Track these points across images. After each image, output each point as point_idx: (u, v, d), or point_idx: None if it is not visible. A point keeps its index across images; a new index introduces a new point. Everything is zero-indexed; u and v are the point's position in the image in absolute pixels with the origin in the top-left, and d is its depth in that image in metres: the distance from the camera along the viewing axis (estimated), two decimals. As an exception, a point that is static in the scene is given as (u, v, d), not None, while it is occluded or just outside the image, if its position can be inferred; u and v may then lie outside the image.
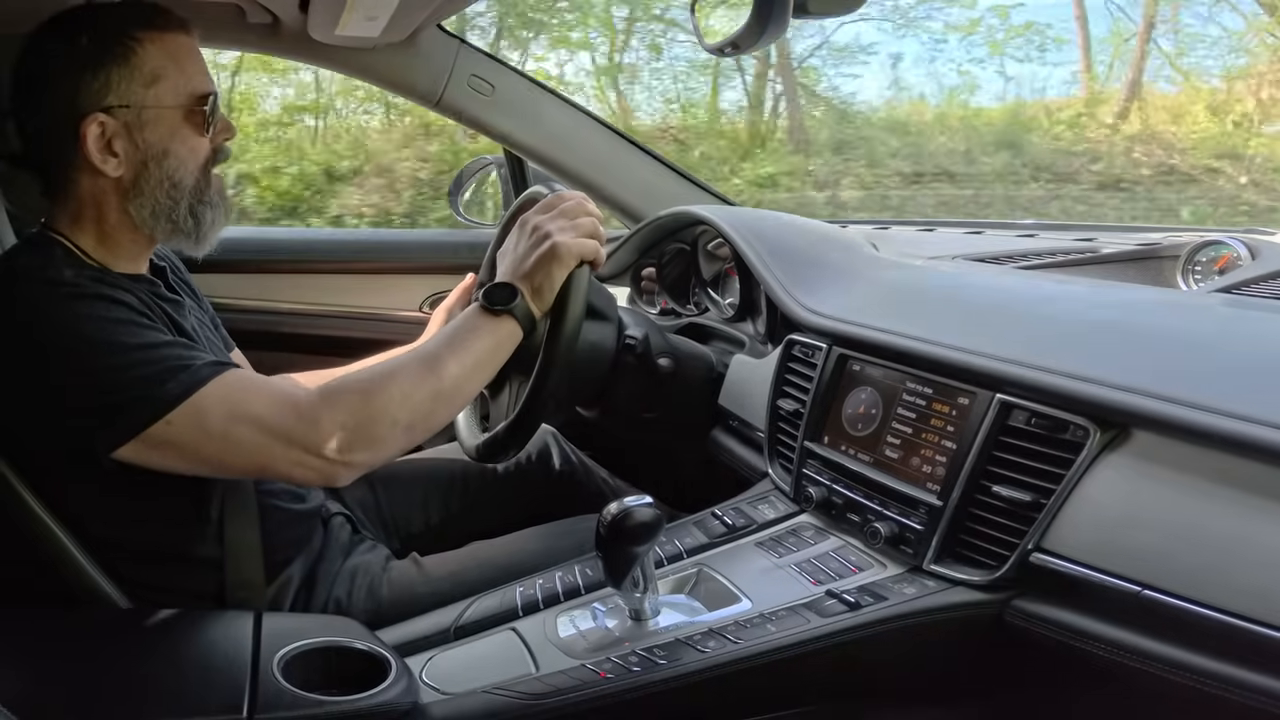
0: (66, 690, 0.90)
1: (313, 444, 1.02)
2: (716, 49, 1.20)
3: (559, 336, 1.18)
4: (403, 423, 1.06)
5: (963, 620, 0.97)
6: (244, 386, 1.04)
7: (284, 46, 1.80)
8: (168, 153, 1.11)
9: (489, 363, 1.14)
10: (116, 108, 1.08)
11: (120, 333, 1.01)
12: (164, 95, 1.10)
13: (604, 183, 2.00)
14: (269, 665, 0.91)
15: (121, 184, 1.11)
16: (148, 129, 1.10)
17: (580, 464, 1.61)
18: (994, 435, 0.99)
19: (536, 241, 1.17)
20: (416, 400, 1.07)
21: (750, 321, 1.61)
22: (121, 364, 0.99)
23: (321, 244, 2.24)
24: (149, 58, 1.09)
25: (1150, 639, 0.84)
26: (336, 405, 1.04)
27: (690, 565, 1.15)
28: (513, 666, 0.99)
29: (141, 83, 1.09)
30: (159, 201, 1.12)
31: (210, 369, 1.02)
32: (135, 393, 0.99)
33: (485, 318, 1.14)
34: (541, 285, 1.16)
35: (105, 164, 1.09)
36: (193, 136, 1.13)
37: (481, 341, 1.13)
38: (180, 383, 1.00)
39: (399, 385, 1.07)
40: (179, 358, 1.02)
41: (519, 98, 1.94)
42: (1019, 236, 1.67)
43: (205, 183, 1.15)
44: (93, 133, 1.08)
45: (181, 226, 1.14)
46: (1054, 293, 1.22)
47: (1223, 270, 1.31)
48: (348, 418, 1.04)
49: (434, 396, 1.08)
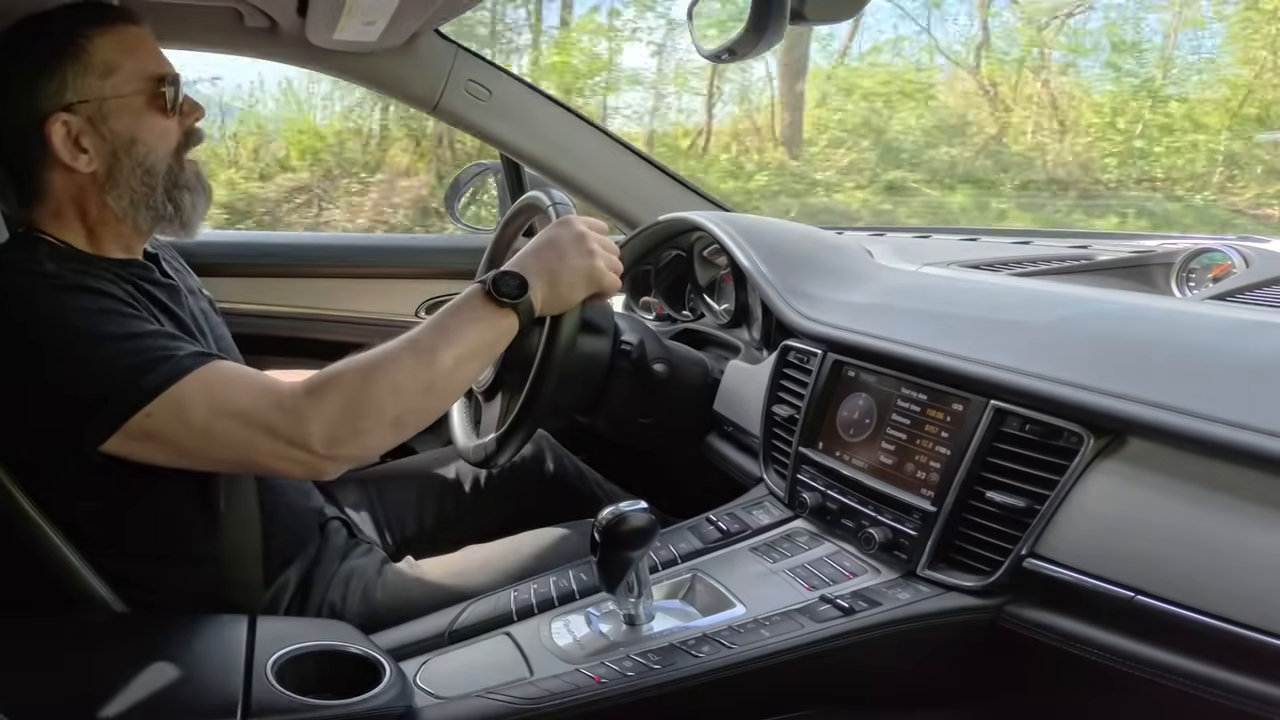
0: (59, 695, 0.89)
1: (297, 437, 1.00)
2: (713, 55, 1.20)
3: (555, 342, 1.18)
4: (390, 416, 1.04)
5: (956, 625, 0.97)
6: (227, 378, 1.02)
7: (282, 51, 1.80)
8: (135, 140, 1.12)
9: (484, 355, 1.11)
10: (77, 104, 1.09)
11: (103, 323, 1.00)
12: (121, 84, 1.11)
13: (601, 188, 2.00)
14: (262, 669, 0.91)
15: (96, 178, 1.11)
16: (111, 119, 1.11)
17: (575, 469, 1.61)
18: (988, 441, 1.00)
19: (582, 254, 1.15)
20: (407, 393, 1.05)
21: (746, 327, 1.61)
22: (103, 355, 0.98)
23: (317, 248, 2.24)
24: (100, 51, 1.10)
25: (1144, 644, 0.84)
26: (323, 398, 1.02)
27: (685, 570, 1.15)
28: (507, 671, 0.99)
29: (97, 75, 1.10)
30: (135, 190, 1.12)
31: (193, 359, 1.01)
32: (116, 383, 0.98)
33: (489, 307, 1.10)
34: (563, 295, 1.15)
35: (76, 161, 1.10)
36: (158, 120, 1.13)
37: (480, 333, 1.09)
38: (160, 373, 0.99)
39: (389, 378, 1.04)
40: (162, 348, 1.01)
41: (516, 103, 1.94)
42: (1014, 243, 1.68)
43: (179, 167, 1.15)
44: (58, 132, 1.09)
45: (162, 213, 1.14)
46: (1048, 300, 1.23)
47: (1216, 278, 1.32)
48: (334, 410, 1.01)
49: (425, 390, 1.06)
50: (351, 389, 1.03)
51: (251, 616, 1.00)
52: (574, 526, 1.36)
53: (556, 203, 1.34)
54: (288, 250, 2.17)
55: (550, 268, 1.14)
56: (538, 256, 1.15)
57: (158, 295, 1.13)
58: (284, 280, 2.06)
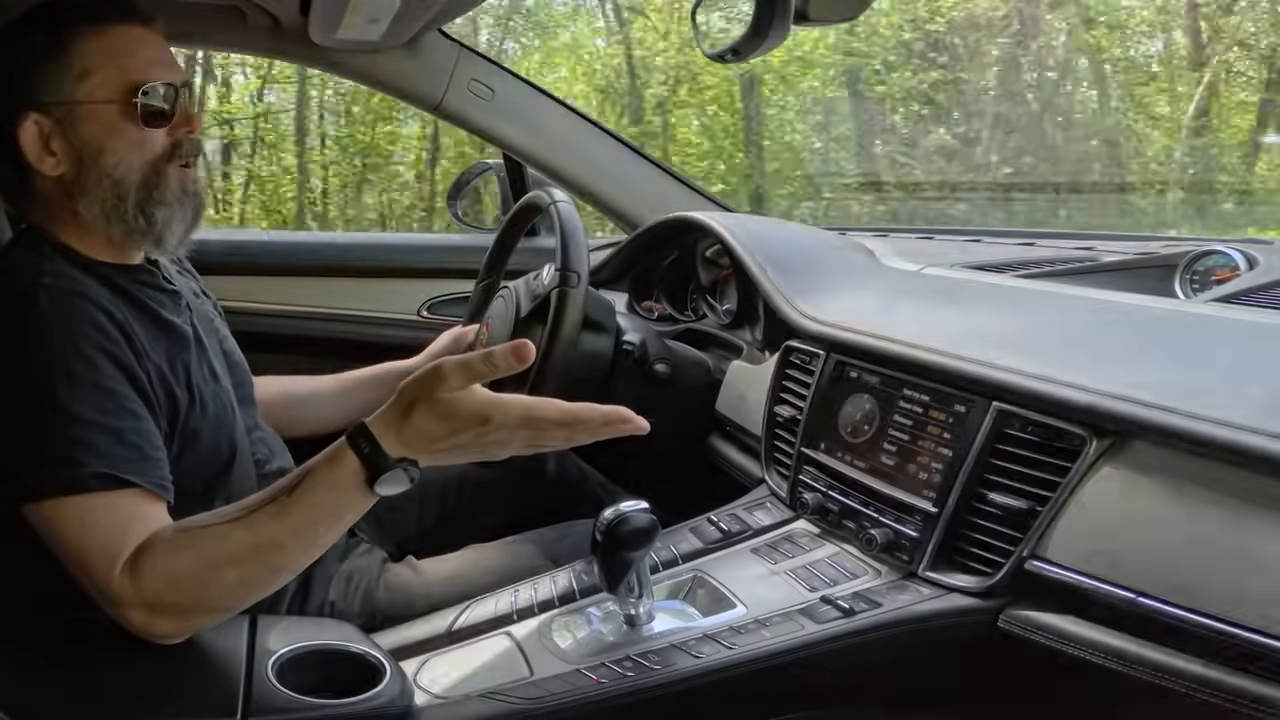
0: (61, 693, 0.90)
1: (116, 612, 0.93)
2: (717, 55, 1.20)
3: (554, 347, 1.18)
4: (219, 603, 0.95)
5: (957, 627, 0.97)
6: (96, 519, 0.94)
7: (285, 49, 1.81)
8: (103, 150, 1.06)
9: (336, 526, 0.97)
10: (50, 104, 1.05)
11: (57, 385, 0.96)
12: (95, 90, 1.05)
13: (603, 188, 2.01)
14: (263, 668, 0.91)
15: (64, 183, 1.07)
16: (81, 125, 1.06)
17: (576, 469, 1.61)
18: (990, 443, 0.99)
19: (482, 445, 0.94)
20: (241, 592, 0.95)
21: (748, 328, 1.61)
22: (34, 425, 0.95)
23: (319, 247, 2.24)
24: (80, 52, 1.05)
25: (1145, 646, 0.84)
26: (151, 579, 0.92)
27: (686, 571, 1.15)
28: (507, 671, 0.98)
29: (71, 78, 1.05)
30: (104, 200, 1.07)
31: (94, 480, 0.94)
32: (18, 463, 0.95)
33: (355, 481, 0.92)
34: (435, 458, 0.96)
35: (42, 163, 1.05)
36: (132, 131, 1.07)
37: (331, 504, 0.94)
38: (55, 478, 0.94)
39: (218, 566, 0.93)
40: (83, 447, 0.95)
41: (519, 103, 1.94)
42: (1017, 245, 1.67)
43: (156, 180, 1.08)
44: (29, 131, 1.04)
45: (134, 226, 1.08)
46: (1051, 301, 1.23)
47: (1221, 280, 1.31)
48: (155, 596, 0.92)
49: (267, 584, 0.97)
50: (184, 580, 0.93)
51: (252, 616, 1.00)
52: (575, 527, 1.36)
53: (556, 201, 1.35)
54: (289, 249, 2.18)
55: (446, 458, 0.96)
56: (443, 452, 0.94)
57: (150, 305, 1.10)
58: (286, 279, 2.06)
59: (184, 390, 1.08)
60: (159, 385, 1.04)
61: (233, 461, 1.14)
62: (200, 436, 1.09)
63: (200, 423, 1.09)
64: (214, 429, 1.11)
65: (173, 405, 1.06)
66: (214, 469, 1.12)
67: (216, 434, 1.12)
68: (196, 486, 1.08)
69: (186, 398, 1.08)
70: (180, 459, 1.05)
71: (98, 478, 0.95)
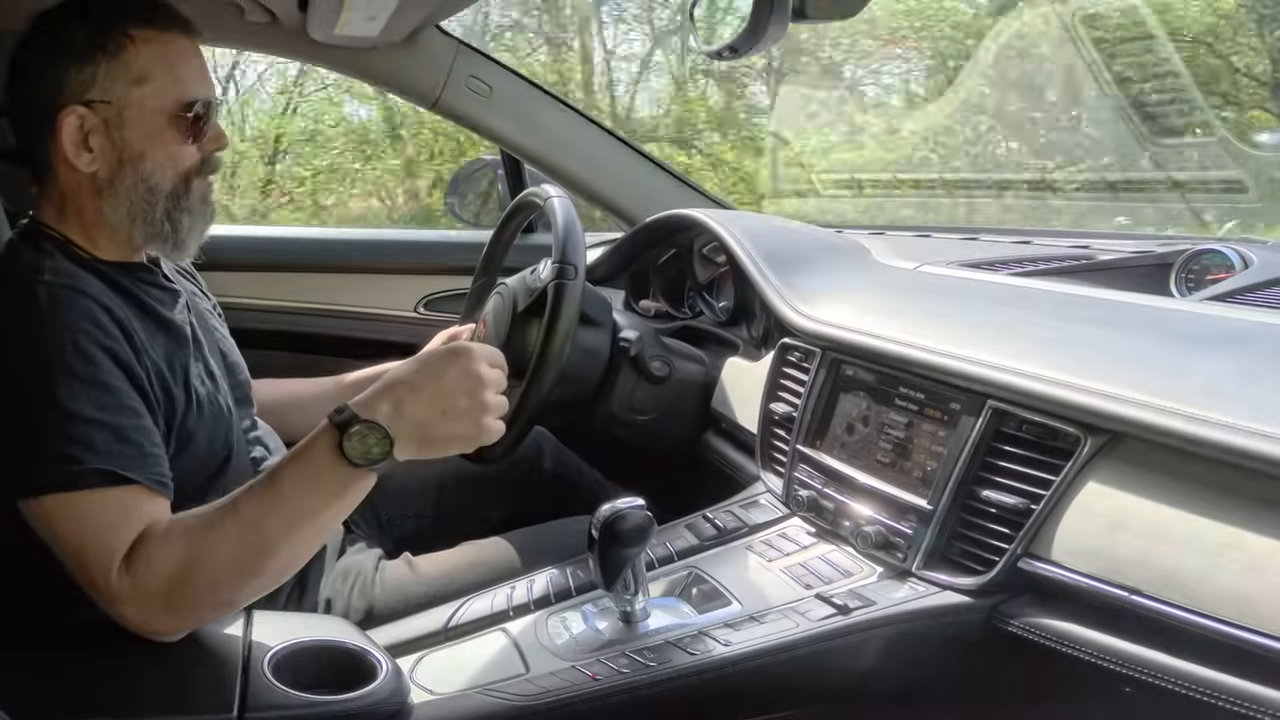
0: (57, 689, 0.90)
1: (114, 609, 0.94)
2: (715, 53, 1.21)
3: (551, 341, 1.18)
4: (214, 598, 0.96)
5: (951, 625, 0.98)
6: (93, 516, 0.94)
7: (282, 45, 1.81)
8: (144, 155, 1.07)
9: (328, 517, 1.00)
10: (98, 103, 1.05)
11: (56, 381, 0.95)
12: (148, 98, 1.07)
13: (600, 184, 2.01)
14: (259, 664, 0.91)
15: (96, 181, 1.07)
16: (127, 129, 1.06)
17: (573, 465, 1.61)
18: (985, 441, 1.00)
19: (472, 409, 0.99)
20: (231, 576, 0.96)
21: (744, 325, 1.61)
22: (33, 419, 0.95)
23: (316, 243, 2.24)
24: (139, 56, 1.06)
25: (1139, 645, 0.84)
26: (146, 574, 0.93)
27: (681, 568, 1.15)
28: (503, 667, 0.99)
29: (127, 81, 1.06)
30: (134, 203, 1.08)
31: (93, 477, 0.94)
32: (16, 460, 0.95)
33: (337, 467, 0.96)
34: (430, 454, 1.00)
35: (79, 158, 1.05)
36: (174, 144, 1.08)
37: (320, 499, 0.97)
38: (52, 475, 0.94)
39: (213, 560, 0.94)
40: (81, 444, 0.95)
41: (516, 99, 1.94)
42: (1013, 243, 1.68)
43: (185, 190, 1.10)
44: (70, 124, 1.04)
45: (159, 231, 1.10)
46: (1047, 300, 1.23)
47: (1216, 279, 1.32)
48: (152, 596, 0.93)
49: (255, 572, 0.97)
50: (168, 567, 0.94)
51: (248, 612, 1.00)
52: (571, 523, 1.36)
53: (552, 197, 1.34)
54: (286, 245, 2.18)
55: (424, 428, 0.98)
56: (415, 405, 0.97)
57: (149, 303, 1.10)
58: (283, 275, 2.06)
59: (181, 390, 1.08)
60: (157, 384, 1.04)
61: (229, 462, 1.15)
62: (196, 437, 1.09)
63: (196, 424, 1.09)
64: (210, 430, 1.11)
65: (170, 405, 1.06)
66: (210, 470, 1.12)
67: (212, 435, 1.12)
68: (192, 487, 1.08)
69: (183, 398, 1.08)
70: (176, 460, 1.05)
71: (97, 474, 0.95)
